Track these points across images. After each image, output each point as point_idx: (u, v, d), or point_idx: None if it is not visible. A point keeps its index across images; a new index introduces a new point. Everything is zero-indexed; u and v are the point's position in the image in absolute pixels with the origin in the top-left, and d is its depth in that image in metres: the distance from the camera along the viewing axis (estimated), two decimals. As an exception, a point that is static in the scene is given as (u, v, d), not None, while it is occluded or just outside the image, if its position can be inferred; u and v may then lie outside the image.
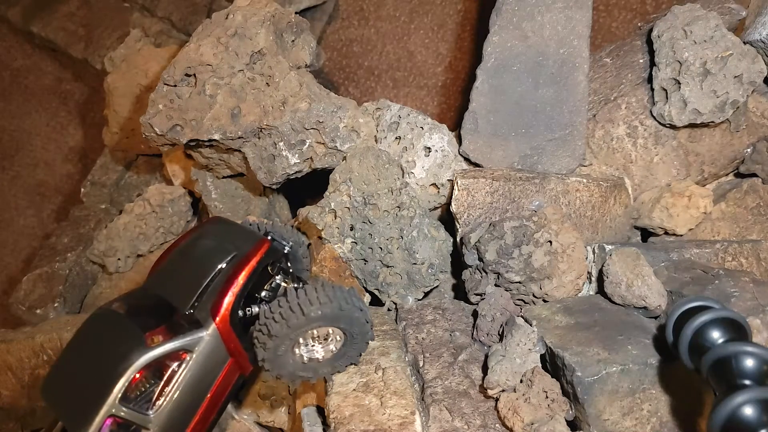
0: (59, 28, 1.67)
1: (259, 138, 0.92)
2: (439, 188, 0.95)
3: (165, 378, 0.64)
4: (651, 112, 0.95)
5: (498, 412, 0.70)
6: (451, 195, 0.87)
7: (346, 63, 1.46)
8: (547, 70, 0.91)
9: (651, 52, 0.95)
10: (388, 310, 0.91)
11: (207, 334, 0.65)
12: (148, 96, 0.92)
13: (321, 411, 0.79)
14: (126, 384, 0.60)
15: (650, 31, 0.96)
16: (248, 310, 0.68)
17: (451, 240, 0.90)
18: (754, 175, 0.98)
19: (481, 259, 0.81)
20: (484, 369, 0.75)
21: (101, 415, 0.60)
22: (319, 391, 0.81)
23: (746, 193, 0.97)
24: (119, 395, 0.60)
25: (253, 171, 0.94)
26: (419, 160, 0.95)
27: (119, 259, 1.20)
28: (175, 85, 0.91)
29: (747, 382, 0.50)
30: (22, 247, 1.69)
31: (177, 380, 0.64)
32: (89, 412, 0.60)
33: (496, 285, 0.81)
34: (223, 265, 0.67)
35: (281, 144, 0.91)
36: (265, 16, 0.92)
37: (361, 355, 0.73)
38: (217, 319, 0.65)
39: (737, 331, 0.56)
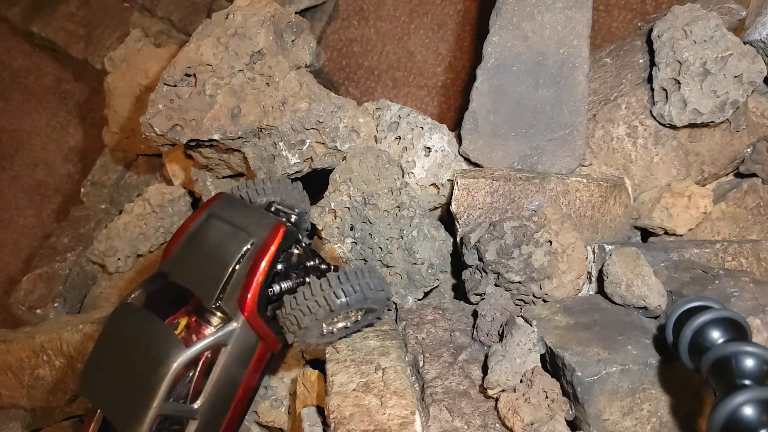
0: (59, 28, 1.67)
1: (259, 138, 0.92)
2: (439, 188, 0.95)
3: (204, 370, 0.67)
4: (651, 112, 0.95)
5: (498, 412, 0.70)
6: (451, 195, 0.87)
7: (346, 63, 1.46)
8: (547, 70, 0.91)
9: (651, 52, 0.95)
10: (388, 310, 0.91)
11: (238, 326, 0.67)
12: (148, 96, 0.92)
13: (321, 411, 0.79)
14: (171, 384, 0.62)
15: (650, 31, 0.96)
16: (270, 291, 0.71)
17: (451, 240, 0.90)
18: (754, 175, 0.98)
19: (481, 259, 0.81)
20: (484, 369, 0.75)
21: (151, 415, 0.62)
22: (319, 391, 0.81)
23: (746, 193, 0.97)
24: (165, 395, 0.62)
25: (253, 171, 0.94)
26: (419, 160, 0.95)
27: (119, 259, 1.20)
28: (175, 85, 0.90)
29: (747, 382, 0.50)
30: (22, 247, 1.69)
31: (215, 371, 0.66)
32: (138, 412, 0.62)
33: (496, 285, 0.81)
34: (243, 254, 0.68)
35: (281, 144, 0.91)
36: (265, 16, 0.92)
37: (378, 318, 0.80)
38: (246, 311, 0.67)
39: (737, 331, 0.56)
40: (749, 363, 0.51)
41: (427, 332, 0.82)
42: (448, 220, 0.93)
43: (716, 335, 0.56)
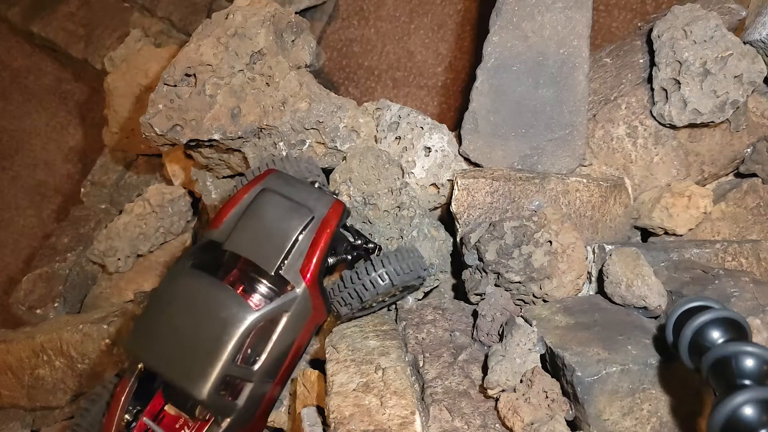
0: (59, 28, 1.67)
1: (259, 138, 0.92)
2: (439, 188, 0.95)
3: (264, 334, 0.69)
4: (651, 112, 0.95)
5: (498, 412, 0.70)
6: (451, 195, 0.87)
7: (346, 63, 1.46)
8: (547, 70, 0.91)
9: (651, 52, 0.95)
10: (388, 309, 0.91)
11: (299, 294, 0.71)
12: (148, 96, 0.92)
13: (321, 411, 0.79)
14: (239, 345, 0.64)
15: (650, 31, 0.96)
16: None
17: (451, 240, 0.90)
18: (754, 175, 0.98)
19: (481, 259, 0.81)
20: (484, 369, 0.75)
21: (219, 375, 0.63)
22: (319, 391, 0.81)
23: (746, 193, 0.97)
24: (233, 356, 0.64)
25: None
26: (419, 160, 0.95)
27: (119, 259, 1.20)
28: (175, 85, 0.90)
29: (747, 382, 0.50)
30: (22, 247, 1.69)
31: (274, 336, 0.69)
32: (205, 371, 0.63)
33: (496, 285, 0.81)
34: (303, 228, 0.72)
35: (281, 144, 0.91)
36: (265, 16, 0.92)
37: (413, 291, 0.88)
38: (308, 279, 0.71)
39: (737, 331, 0.56)
40: (749, 363, 0.51)
41: (427, 332, 0.82)
42: (448, 220, 0.93)
43: (716, 335, 0.56)
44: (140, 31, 1.52)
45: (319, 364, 0.87)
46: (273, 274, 0.70)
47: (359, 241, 0.82)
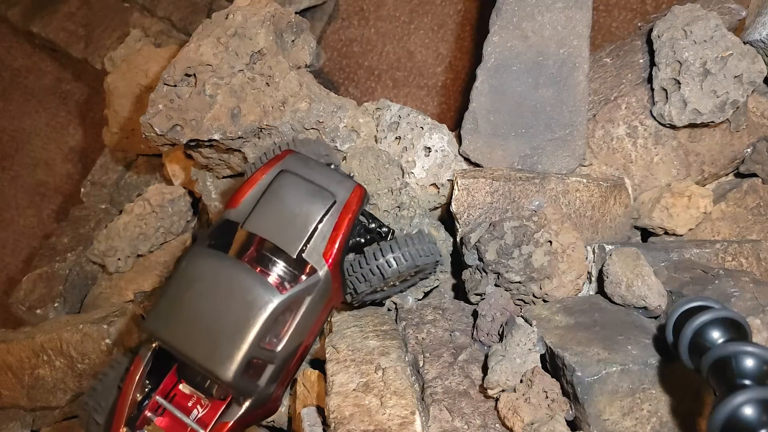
0: (59, 28, 1.67)
1: (259, 138, 0.92)
2: (439, 188, 0.95)
3: (288, 317, 0.69)
4: (651, 112, 0.95)
5: (498, 412, 0.70)
6: (451, 195, 0.87)
7: (346, 63, 1.46)
8: (547, 70, 0.91)
9: (651, 52, 0.95)
10: (388, 310, 0.91)
11: (321, 278, 0.71)
12: (148, 96, 0.92)
13: (321, 411, 0.79)
14: (265, 328, 0.65)
15: (650, 31, 0.96)
16: None
17: (451, 240, 0.90)
18: (754, 175, 0.98)
19: (481, 259, 0.81)
20: (484, 369, 0.75)
21: (244, 356, 0.64)
22: (319, 391, 0.81)
23: (746, 193, 0.97)
24: (259, 338, 0.64)
25: (253, 171, 0.94)
26: (419, 160, 0.95)
27: (119, 259, 1.20)
28: (175, 85, 0.90)
29: (747, 382, 0.50)
30: (22, 247, 1.69)
31: (296, 318, 0.69)
32: (231, 353, 0.63)
33: (496, 285, 0.81)
34: (325, 212, 0.73)
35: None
36: (265, 16, 0.92)
37: (427, 277, 0.87)
38: (330, 263, 0.71)
39: (737, 331, 0.56)
40: (749, 363, 0.51)
41: (427, 332, 0.82)
42: (448, 220, 0.93)
43: (716, 335, 0.56)
44: (140, 31, 1.52)
45: (319, 364, 0.87)
46: (295, 257, 0.70)
47: (373, 225, 0.82)
